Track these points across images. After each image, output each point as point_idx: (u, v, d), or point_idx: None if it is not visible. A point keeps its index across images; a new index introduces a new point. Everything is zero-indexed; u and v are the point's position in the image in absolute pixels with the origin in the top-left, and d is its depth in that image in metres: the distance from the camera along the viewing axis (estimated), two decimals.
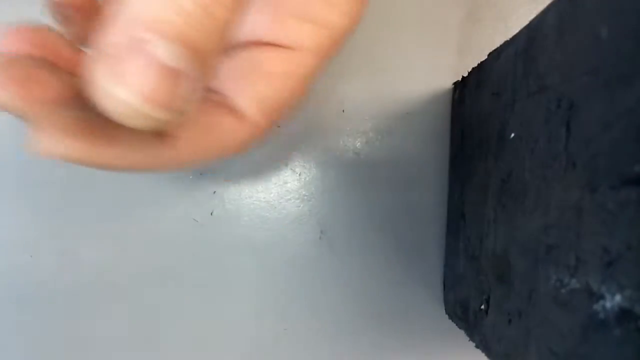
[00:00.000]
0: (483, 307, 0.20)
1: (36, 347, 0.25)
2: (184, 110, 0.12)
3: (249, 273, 0.26)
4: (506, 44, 0.19)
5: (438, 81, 0.26)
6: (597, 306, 0.12)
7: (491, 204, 0.20)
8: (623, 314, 0.11)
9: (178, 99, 0.11)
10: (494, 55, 0.21)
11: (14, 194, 0.25)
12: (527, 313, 0.16)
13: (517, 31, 0.18)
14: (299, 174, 0.26)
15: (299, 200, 0.26)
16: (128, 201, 0.25)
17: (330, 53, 0.17)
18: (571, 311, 0.13)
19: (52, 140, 0.13)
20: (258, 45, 0.17)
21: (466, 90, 0.24)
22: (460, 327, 0.23)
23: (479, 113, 0.22)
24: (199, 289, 0.26)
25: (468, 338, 0.22)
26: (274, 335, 0.26)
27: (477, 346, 0.20)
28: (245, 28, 0.17)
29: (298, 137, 0.26)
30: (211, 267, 0.26)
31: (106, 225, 0.25)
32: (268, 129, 0.17)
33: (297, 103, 0.18)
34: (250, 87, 0.16)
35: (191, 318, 0.26)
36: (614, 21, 0.12)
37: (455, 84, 0.26)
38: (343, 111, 0.26)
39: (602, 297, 0.12)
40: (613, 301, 0.11)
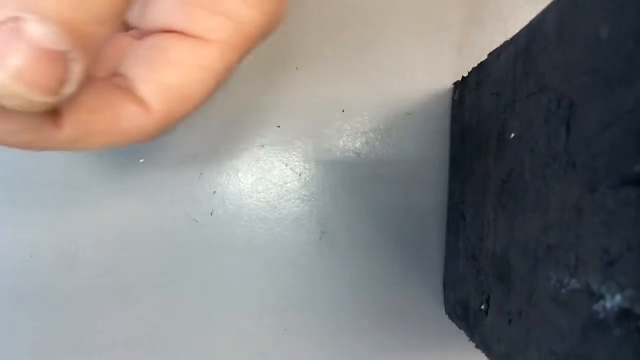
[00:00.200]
0: (483, 307, 0.20)
1: (36, 347, 0.25)
2: (62, 92, 0.11)
3: (249, 273, 0.26)
4: (506, 44, 0.19)
5: (438, 81, 0.26)
6: (597, 306, 0.12)
7: (491, 204, 0.20)
8: (623, 314, 0.11)
9: (54, 81, 0.11)
10: (494, 55, 0.21)
11: (14, 194, 0.25)
12: (527, 313, 0.16)
13: (517, 31, 0.18)
14: (299, 174, 0.26)
15: (299, 200, 0.26)
16: (128, 201, 0.25)
17: (243, 48, 0.16)
18: (571, 311, 0.13)
19: None
20: (168, 32, 0.16)
21: (466, 90, 0.24)
22: (460, 327, 0.23)
23: (479, 113, 0.22)
24: (199, 289, 0.26)
25: (468, 338, 0.22)
26: (274, 335, 0.26)
27: (477, 346, 0.20)
28: (157, 14, 0.16)
29: (298, 137, 0.26)
30: (211, 267, 0.26)
31: (106, 225, 0.25)
32: (170, 121, 0.16)
33: (206, 98, 0.17)
34: (153, 75, 0.16)
35: (191, 318, 0.26)
36: (614, 21, 0.12)
37: (455, 84, 0.26)
38: (343, 111, 0.26)
39: (602, 297, 0.12)
40: (613, 301, 0.11)
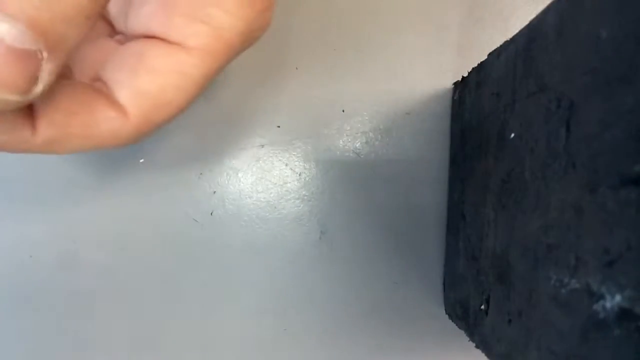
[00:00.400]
0: (483, 307, 0.20)
1: (36, 347, 0.25)
2: (33, 90, 0.11)
3: (249, 273, 0.26)
4: (506, 44, 0.19)
5: (438, 81, 0.26)
6: (597, 306, 0.12)
7: (491, 204, 0.20)
8: (623, 314, 0.11)
9: (23, 79, 0.11)
10: (494, 55, 0.21)
11: (14, 194, 0.25)
12: (527, 313, 0.16)
13: (517, 31, 0.18)
14: (299, 174, 0.26)
15: (299, 200, 0.26)
16: (128, 201, 0.25)
17: (223, 56, 0.16)
18: (571, 311, 0.13)
19: None
20: (148, 38, 0.16)
21: (466, 90, 0.24)
22: (460, 327, 0.23)
23: (479, 113, 0.22)
24: (199, 289, 0.26)
25: (468, 338, 0.22)
26: (274, 335, 0.26)
27: (477, 346, 0.20)
28: (139, 20, 0.16)
29: (298, 137, 0.26)
30: (211, 267, 0.26)
31: (106, 225, 0.25)
32: (148, 127, 0.16)
33: (186, 105, 0.17)
34: (132, 81, 0.16)
35: (191, 318, 0.26)
36: (614, 21, 0.12)
37: (455, 84, 0.26)
38: (343, 111, 0.26)
39: (602, 297, 0.12)
40: (613, 301, 0.11)
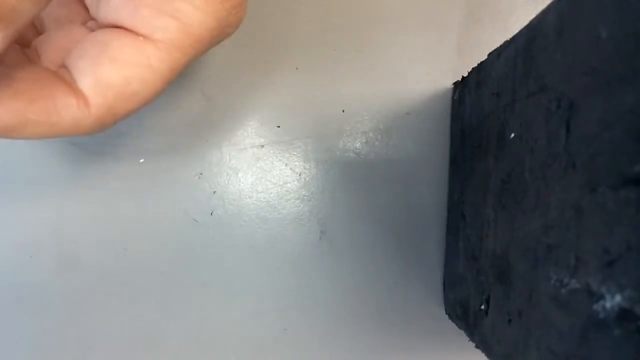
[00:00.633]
0: (483, 307, 0.20)
1: (36, 347, 0.25)
2: None
3: (249, 273, 0.26)
4: (506, 44, 0.19)
5: (438, 81, 0.26)
6: (597, 306, 0.12)
7: (491, 204, 0.20)
8: (623, 314, 0.11)
9: None
10: (494, 55, 0.21)
11: (14, 194, 0.25)
12: (527, 313, 0.16)
13: (517, 31, 0.18)
14: (299, 174, 0.26)
15: (299, 200, 0.26)
16: (128, 201, 0.25)
17: (191, 50, 0.16)
18: (571, 311, 0.13)
19: None
20: (116, 28, 0.16)
21: (466, 90, 0.24)
22: (460, 327, 0.23)
23: (479, 113, 0.22)
24: (199, 289, 0.26)
25: (468, 338, 0.22)
26: (274, 335, 0.26)
27: (477, 346, 0.20)
28: (108, 8, 0.16)
29: (298, 137, 0.26)
30: (211, 267, 0.26)
31: (106, 225, 0.25)
32: (111, 117, 0.16)
33: (151, 97, 0.17)
34: (95, 70, 0.16)
35: (191, 318, 0.26)
36: (614, 21, 0.12)
37: (455, 84, 0.26)
38: (343, 111, 0.26)
39: (602, 297, 0.12)
40: (613, 301, 0.11)
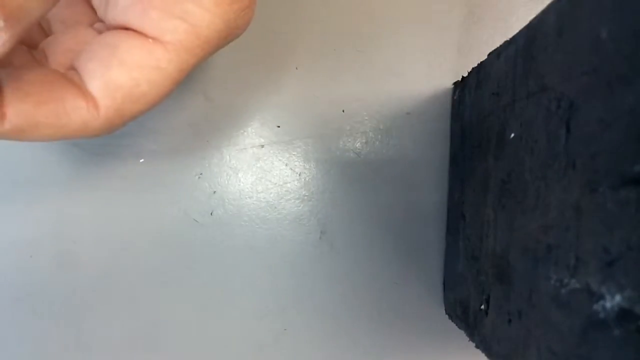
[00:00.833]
0: (483, 307, 0.20)
1: (36, 347, 0.25)
2: None
3: (249, 273, 0.26)
4: (506, 44, 0.19)
5: (438, 81, 0.26)
6: (597, 306, 0.12)
7: (491, 204, 0.20)
8: (623, 314, 0.11)
9: None
10: (494, 55, 0.21)
11: (14, 194, 0.25)
12: (527, 313, 0.16)
13: (517, 31, 0.18)
14: (299, 174, 0.26)
15: (299, 200, 0.26)
16: (128, 201, 0.25)
17: (199, 52, 0.16)
18: (571, 311, 0.13)
19: None
20: (125, 30, 0.16)
21: (466, 90, 0.24)
22: (460, 327, 0.23)
23: (479, 113, 0.22)
24: (199, 289, 0.26)
25: (468, 338, 0.22)
26: (274, 335, 0.26)
27: (477, 346, 0.20)
28: (117, 10, 0.16)
29: (298, 137, 0.26)
30: (211, 267, 0.26)
31: (106, 225, 0.25)
32: (120, 119, 0.16)
33: (160, 99, 0.17)
34: (104, 72, 0.16)
35: (191, 318, 0.26)
36: (614, 21, 0.12)
37: (455, 84, 0.26)
38: (343, 111, 0.26)
39: (602, 297, 0.12)
40: (613, 301, 0.11)
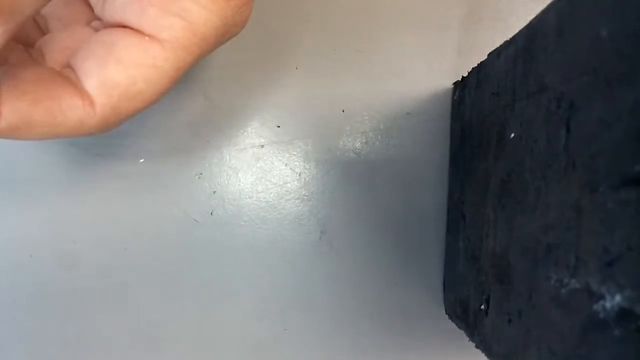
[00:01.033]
0: (483, 307, 0.20)
1: (36, 347, 0.25)
2: None
3: (249, 273, 0.26)
4: (506, 44, 0.19)
5: (438, 81, 0.26)
6: (597, 306, 0.12)
7: (491, 204, 0.20)
8: (623, 314, 0.11)
9: None
10: (494, 55, 0.21)
11: (14, 194, 0.25)
12: (527, 313, 0.16)
13: (517, 31, 0.18)
14: (299, 174, 0.26)
15: (299, 200, 0.26)
16: (128, 201, 0.25)
17: (197, 50, 0.16)
18: (571, 311, 0.13)
19: None
20: (121, 28, 0.16)
21: (466, 90, 0.24)
22: (460, 327, 0.23)
23: (479, 113, 0.22)
24: (199, 289, 0.26)
25: (468, 338, 0.22)
26: (274, 335, 0.26)
27: (477, 346, 0.20)
28: (114, 8, 0.16)
29: (298, 137, 0.26)
30: (211, 267, 0.26)
31: (106, 225, 0.25)
32: (116, 118, 0.16)
33: (157, 97, 0.17)
34: (100, 70, 0.16)
35: (191, 318, 0.26)
36: (614, 21, 0.12)
37: (455, 84, 0.26)
38: (343, 111, 0.26)
39: (602, 297, 0.12)
40: (613, 301, 0.11)
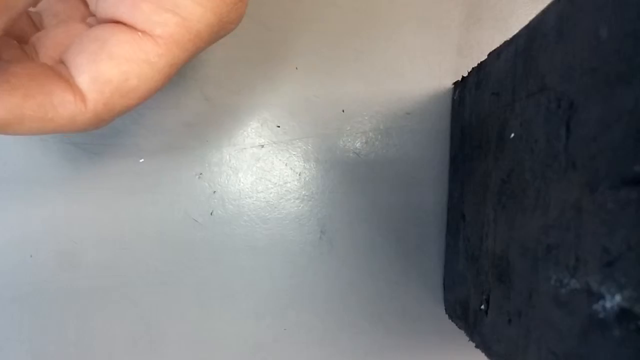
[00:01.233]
0: (483, 307, 0.20)
1: (36, 347, 0.25)
2: None
3: (249, 273, 0.26)
4: (506, 44, 0.19)
5: (438, 81, 0.26)
6: (597, 306, 0.12)
7: (491, 204, 0.20)
8: (623, 314, 0.11)
9: None
10: (494, 55, 0.21)
11: (15, 193, 0.25)
12: (527, 313, 0.16)
13: (517, 31, 0.18)
14: (299, 174, 0.26)
15: (299, 200, 0.26)
16: (128, 201, 0.25)
17: (190, 46, 0.16)
18: (571, 311, 0.13)
19: None
20: (115, 23, 0.16)
21: (466, 90, 0.24)
22: (460, 327, 0.23)
23: (479, 113, 0.22)
24: (199, 289, 0.26)
25: (468, 338, 0.22)
26: (274, 335, 0.26)
27: (477, 346, 0.20)
28: (108, 3, 0.16)
29: (298, 137, 0.26)
30: (211, 267, 0.26)
31: (106, 225, 0.25)
32: (108, 114, 0.16)
33: (150, 94, 0.17)
34: (92, 66, 0.15)
35: (191, 318, 0.26)
36: (614, 21, 0.12)
37: (455, 84, 0.26)
38: (343, 111, 0.26)
39: (602, 297, 0.12)
40: (613, 301, 0.11)
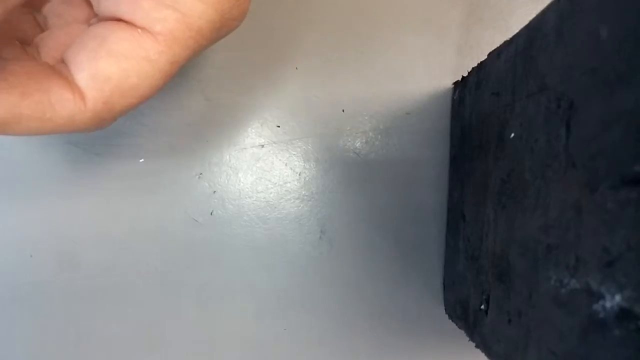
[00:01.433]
0: (483, 307, 0.20)
1: (36, 347, 0.25)
2: None
3: (249, 273, 0.26)
4: (506, 44, 0.19)
5: (438, 81, 0.26)
6: (597, 306, 0.12)
7: (491, 204, 0.20)
8: (623, 314, 0.11)
9: None
10: (494, 55, 0.21)
11: (14, 193, 0.25)
12: (527, 313, 0.16)
13: (517, 31, 0.18)
14: (299, 174, 0.26)
15: (299, 200, 0.26)
16: (128, 201, 0.25)
17: (192, 44, 0.16)
18: (571, 311, 0.13)
19: None
20: (115, 21, 0.16)
21: (466, 90, 0.24)
22: (460, 327, 0.23)
23: (479, 113, 0.22)
24: (199, 289, 0.26)
25: (468, 338, 0.22)
26: (274, 335, 0.26)
27: (477, 346, 0.20)
28: (109, 1, 0.16)
29: (298, 137, 0.26)
30: (211, 267, 0.26)
31: (106, 225, 0.25)
32: (109, 113, 0.16)
33: (151, 92, 0.16)
34: (92, 64, 0.15)
35: (191, 318, 0.26)
36: (614, 21, 0.12)
37: (455, 84, 0.26)
38: (343, 111, 0.26)
39: (602, 297, 0.12)
40: (613, 301, 0.11)
